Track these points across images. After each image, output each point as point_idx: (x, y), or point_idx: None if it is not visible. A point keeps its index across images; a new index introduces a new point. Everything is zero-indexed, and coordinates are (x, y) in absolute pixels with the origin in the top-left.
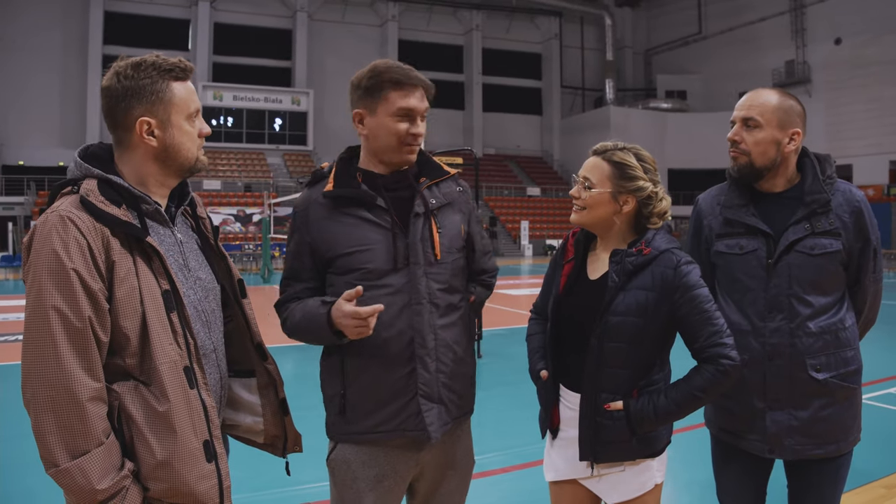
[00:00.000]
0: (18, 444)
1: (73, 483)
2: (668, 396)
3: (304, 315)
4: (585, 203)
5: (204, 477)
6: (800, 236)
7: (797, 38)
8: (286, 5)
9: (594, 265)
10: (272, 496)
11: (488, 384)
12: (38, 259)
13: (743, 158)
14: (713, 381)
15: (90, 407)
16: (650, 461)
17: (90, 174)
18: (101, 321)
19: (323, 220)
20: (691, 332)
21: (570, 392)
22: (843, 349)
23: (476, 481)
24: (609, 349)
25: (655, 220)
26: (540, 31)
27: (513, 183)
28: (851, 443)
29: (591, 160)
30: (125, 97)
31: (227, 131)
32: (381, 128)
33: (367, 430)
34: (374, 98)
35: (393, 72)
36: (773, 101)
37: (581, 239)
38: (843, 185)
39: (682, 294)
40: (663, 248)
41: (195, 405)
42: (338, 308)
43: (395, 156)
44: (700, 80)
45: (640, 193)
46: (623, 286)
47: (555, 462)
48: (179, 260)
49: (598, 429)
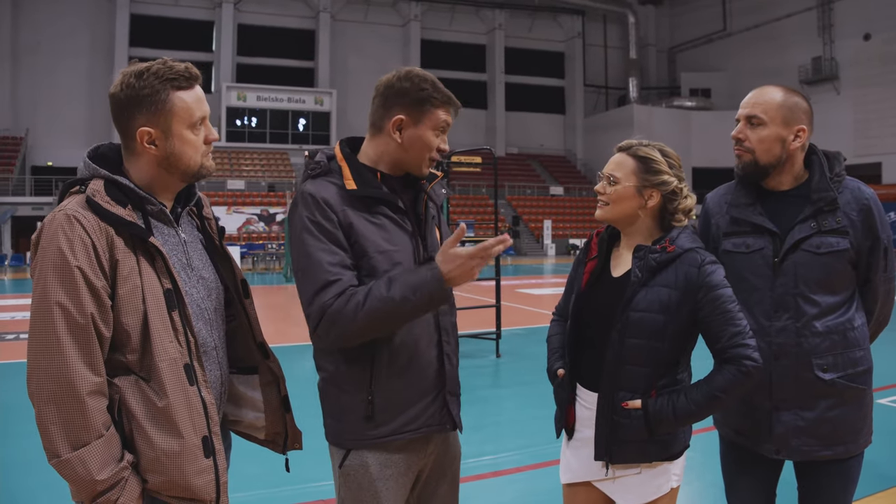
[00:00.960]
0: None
1: (74, 473)
2: (688, 397)
3: (397, 284)
4: (610, 198)
5: (201, 472)
6: (806, 235)
7: (824, 34)
8: (309, 6)
9: (618, 263)
10: (286, 493)
11: (506, 383)
12: (45, 256)
13: (747, 156)
14: (734, 382)
15: (90, 400)
16: (667, 464)
17: (97, 174)
18: (104, 317)
19: (352, 215)
20: (713, 333)
21: (587, 391)
22: (852, 349)
23: (492, 480)
24: (629, 345)
25: (680, 216)
26: (563, 30)
27: (536, 182)
28: (862, 445)
29: (616, 156)
30: (128, 106)
31: (251, 131)
32: (419, 140)
33: (392, 432)
34: (422, 110)
35: (443, 90)
36: (777, 99)
37: (605, 237)
38: (851, 183)
39: (705, 293)
40: (687, 246)
41: (194, 402)
42: (455, 253)
43: (419, 167)
44: (725, 78)
45: (664, 188)
46: (646, 282)
47: (570, 463)
48: (183, 259)
49: (615, 428)
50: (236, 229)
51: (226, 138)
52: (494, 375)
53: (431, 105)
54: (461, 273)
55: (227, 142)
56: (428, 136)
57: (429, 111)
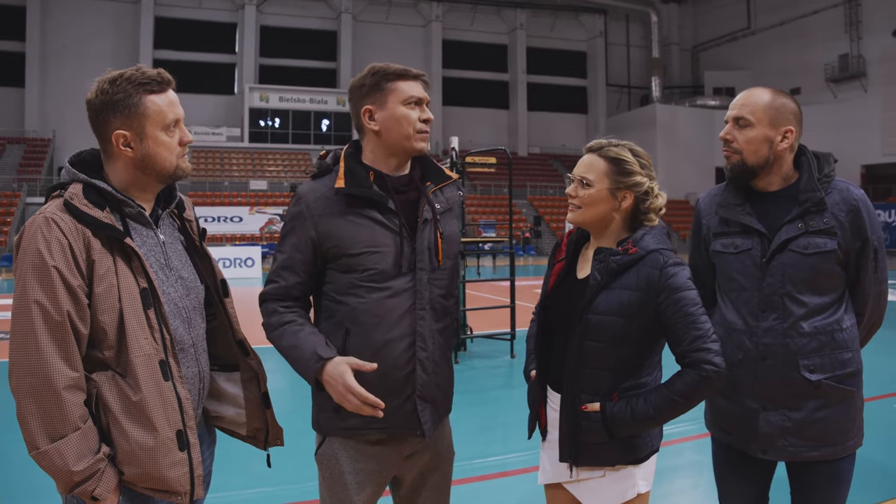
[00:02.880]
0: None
1: (52, 464)
2: (648, 400)
3: (293, 347)
4: (583, 201)
5: (175, 464)
6: (793, 235)
7: (851, 31)
8: (331, 7)
9: (583, 264)
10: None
11: (520, 383)
12: (24, 257)
13: (735, 157)
14: (694, 387)
15: (66, 395)
16: (632, 468)
17: (77, 178)
18: (81, 315)
19: (332, 216)
20: (675, 336)
21: (554, 393)
22: (840, 351)
23: (499, 480)
24: (590, 348)
25: (652, 216)
26: (584, 29)
27: (558, 182)
28: (850, 447)
29: (586, 157)
30: (102, 111)
31: (274, 132)
32: (392, 118)
33: (360, 426)
34: (381, 91)
35: (393, 66)
36: (764, 100)
37: (574, 238)
38: (840, 184)
39: (667, 296)
40: (651, 248)
41: (168, 396)
42: (339, 374)
43: (409, 144)
44: (749, 77)
45: (637, 189)
46: (606, 285)
47: (544, 464)
48: (161, 259)
49: (577, 430)
50: (258, 229)
51: (248, 139)
52: (508, 376)
53: (387, 81)
54: (330, 388)
55: (249, 142)
56: (398, 110)
57: (387, 88)
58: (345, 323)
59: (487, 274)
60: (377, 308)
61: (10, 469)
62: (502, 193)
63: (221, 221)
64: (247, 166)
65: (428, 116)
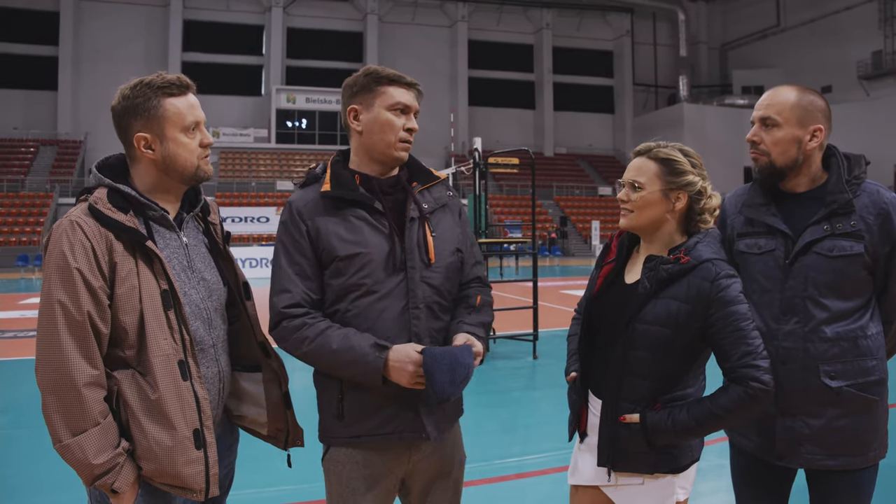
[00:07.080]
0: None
1: (74, 457)
2: (690, 412)
3: (347, 349)
4: (636, 205)
5: (191, 462)
6: (818, 237)
7: (885, 27)
8: (357, 8)
9: (633, 268)
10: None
11: (542, 385)
12: (50, 258)
13: (763, 159)
14: (739, 403)
15: (86, 391)
16: (672, 477)
17: (102, 183)
18: (102, 315)
19: (321, 220)
20: (723, 350)
21: (595, 398)
22: (863, 358)
23: (518, 482)
24: (633, 357)
25: (706, 217)
26: (611, 28)
27: (584, 182)
28: (872, 458)
29: (635, 161)
30: (124, 115)
31: (300, 133)
32: (376, 122)
33: (363, 433)
34: (371, 93)
35: (388, 71)
36: (791, 99)
37: (625, 240)
38: (870, 186)
39: (717, 309)
40: (704, 257)
41: (186, 396)
42: (405, 354)
43: (389, 151)
44: (779, 75)
45: (691, 188)
46: (655, 293)
47: (578, 466)
48: (183, 262)
49: (616, 438)
50: None
51: (275, 140)
52: (530, 377)
53: (378, 84)
54: (399, 374)
55: (276, 143)
56: (383, 115)
57: (377, 91)
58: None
59: (511, 274)
60: (369, 311)
61: (14, 463)
62: (528, 194)
63: (248, 222)
64: (273, 167)
65: (412, 126)
